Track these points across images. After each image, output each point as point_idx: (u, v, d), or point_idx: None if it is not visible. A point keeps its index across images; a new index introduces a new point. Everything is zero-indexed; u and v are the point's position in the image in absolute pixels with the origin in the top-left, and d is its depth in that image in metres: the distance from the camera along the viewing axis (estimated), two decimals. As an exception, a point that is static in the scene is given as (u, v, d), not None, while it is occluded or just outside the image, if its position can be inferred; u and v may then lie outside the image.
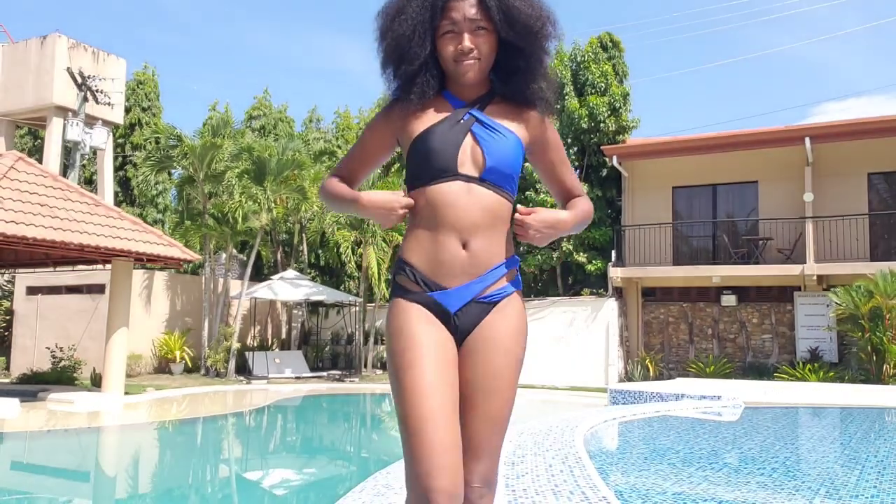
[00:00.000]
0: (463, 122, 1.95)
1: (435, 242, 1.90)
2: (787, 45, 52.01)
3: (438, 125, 1.94)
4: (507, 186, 1.95)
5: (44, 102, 20.43)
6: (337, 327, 21.50)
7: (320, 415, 13.17)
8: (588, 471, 4.50)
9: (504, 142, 1.94)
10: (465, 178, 1.91)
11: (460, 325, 1.91)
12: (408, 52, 1.94)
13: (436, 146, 1.91)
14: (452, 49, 1.93)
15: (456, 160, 1.91)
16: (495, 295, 1.93)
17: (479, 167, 1.92)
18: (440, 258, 1.90)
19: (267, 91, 29.66)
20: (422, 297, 1.91)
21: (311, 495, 6.38)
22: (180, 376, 17.27)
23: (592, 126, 17.97)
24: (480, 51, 1.93)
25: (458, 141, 1.92)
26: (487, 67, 1.97)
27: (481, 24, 1.92)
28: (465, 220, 1.89)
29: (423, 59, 1.94)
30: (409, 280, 1.93)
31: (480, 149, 1.92)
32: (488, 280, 1.92)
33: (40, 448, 8.69)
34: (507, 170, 1.94)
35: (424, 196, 1.92)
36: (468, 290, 1.90)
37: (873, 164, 16.09)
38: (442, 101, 1.99)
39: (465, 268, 1.89)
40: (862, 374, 13.69)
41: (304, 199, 18.22)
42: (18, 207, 10.64)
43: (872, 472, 5.52)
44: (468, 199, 1.89)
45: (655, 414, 9.06)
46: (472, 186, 1.90)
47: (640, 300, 17.90)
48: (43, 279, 18.77)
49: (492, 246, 1.92)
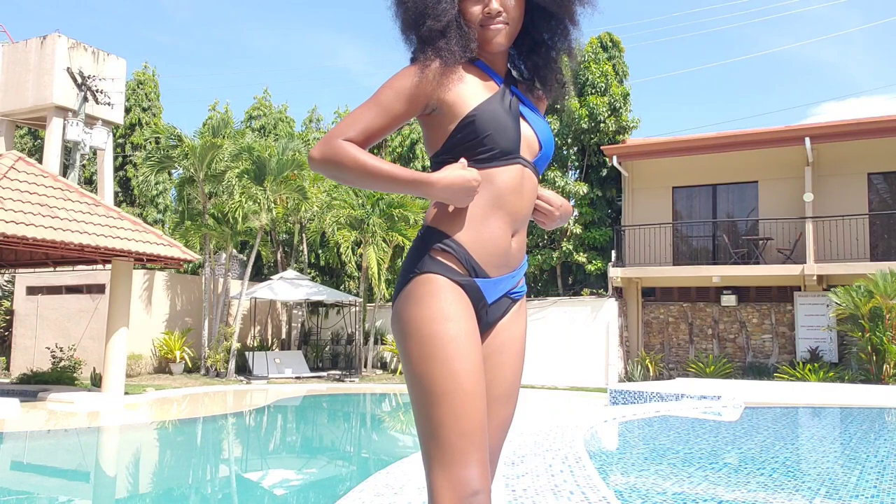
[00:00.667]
0: (512, 101, 1.79)
1: (489, 227, 1.73)
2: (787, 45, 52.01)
3: (494, 101, 1.76)
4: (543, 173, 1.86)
5: (44, 102, 20.43)
6: (337, 327, 21.51)
7: (320, 415, 13.17)
8: (588, 471, 4.50)
9: (547, 127, 1.85)
10: (525, 162, 1.77)
11: (489, 318, 1.79)
12: (435, 6, 1.72)
13: (501, 123, 1.74)
14: (479, 10, 1.74)
15: (519, 143, 1.76)
16: (519, 292, 1.85)
17: (532, 152, 1.80)
18: (492, 245, 1.73)
19: (267, 91, 29.70)
20: (465, 279, 1.72)
21: (311, 495, 6.38)
22: (180, 376, 17.28)
23: (592, 126, 17.97)
24: (509, 13, 1.75)
25: (517, 121, 1.77)
26: (515, 33, 1.79)
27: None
28: (522, 210, 1.78)
29: (451, 17, 1.73)
30: (453, 258, 1.71)
31: (534, 133, 1.81)
32: (520, 274, 1.83)
33: (40, 448, 8.69)
34: (550, 157, 1.85)
35: (486, 176, 1.73)
36: (506, 283, 1.79)
37: (873, 163, 16.09)
38: (483, 73, 1.80)
39: (509, 260, 1.78)
40: (862, 374, 13.69)
41: (304, 199, 18.22)
42: (18, 207, 10.64)
43: (872, 472, 5.52)
44: (524, 186, 1.77)
45: (655, 414, 9.05)
46: (527, 172, 1.78)
47: (640, 300, 17.90)
48: (43, 279, 18.78)
49: (524, 239, 1.84)
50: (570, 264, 18.61)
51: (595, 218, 18.25)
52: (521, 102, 1.83)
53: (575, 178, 18.74)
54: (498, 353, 1.80)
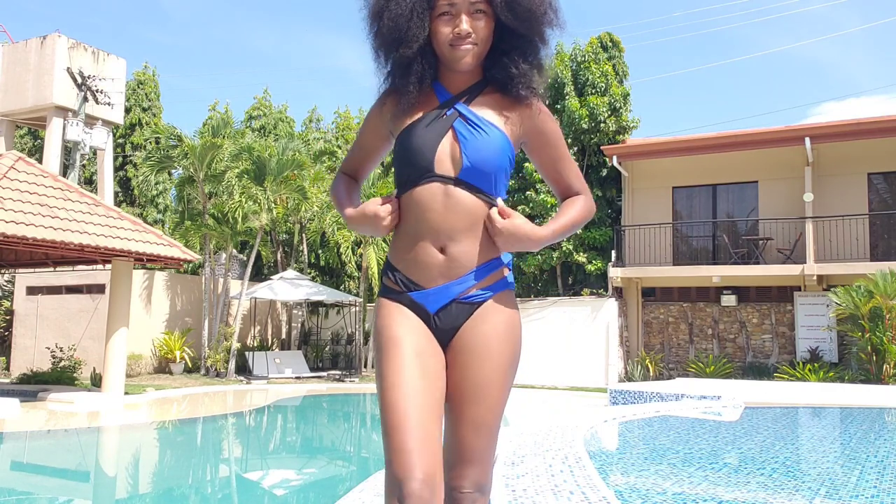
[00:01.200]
0: (446, 117, 1.86)
1: (414, 246, 1.86)
2: (787, 45, 52.02)
3: (419, 122, 1.86)
4: (485, 186, 1.85)
5: (44, 102, 20.43)
6: (337, 327, 21.51)
7: (320, 415, 13.17)
8: (588, 471, 4.50)
9: (486, 139, 1.84)
10: (442, 178, 1.83)
11: (441, 325, 1.87)
12: (406, 32, 1.81)
13: (414, 145, 1.84)
14: (448, 31, 1.81)
15: (433, 160, 1.83)
16: (478, 296, 1.88)
17: (456, 167, 1.83)
18: (418, 261, 1.86)
19: (267, 91, 29.70)
20: (402, 296, 1.89)
21: (311, 495, 6.38)
22: (180, 376, 17.28)
23: (593, 126, 17.97)
24: (478, 35, 1.82)
25: (437, 139, 1.84)
26: (483, 53, 1.86)
27: (480, 6, 1.81)
28: (443, 225, 1.83)
29: (421, 42, 1.82)
30: (391, 280, 1.92)
31: (460, 147, 1.83)
32: (469, 281, 1.86)
33: (40, 448, 8.69)
34: (487, 168, 1.84)
35: (406, 200, 1.87)
36: (447, 292, 1.86)
37: (873, 163, 16.09)
38: (429, 93, 1.90)
39: (443, 271, 1.85)
40: (862, 374, 13.69)
41: (304, 199, 18.23)
42: (18, 207, 10.64)
43: (872, 472, 5.52)
44: (445, 202, 1.83)
45: (655, 414, 9.05)
46: (449, 188, 1.83)
47: (640, 300, 17.90)
48: (43, 279, 18.78)
49: (473, 248, 1.85)
50: (570, 264, 18.61)
51: (595, 218, 18.24)
52: (462, 116, 1.86)
53: (575, 178, 18.73)
54: (461, 353, 1.86)
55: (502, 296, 1.91)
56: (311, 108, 33.66)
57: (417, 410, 1.72)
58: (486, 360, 1.85)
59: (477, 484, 1.83)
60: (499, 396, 1.85)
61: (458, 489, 1.81)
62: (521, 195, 18.19)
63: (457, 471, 1.82)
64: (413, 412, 1.71)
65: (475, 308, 1.88)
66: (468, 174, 1.84)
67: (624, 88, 18.54)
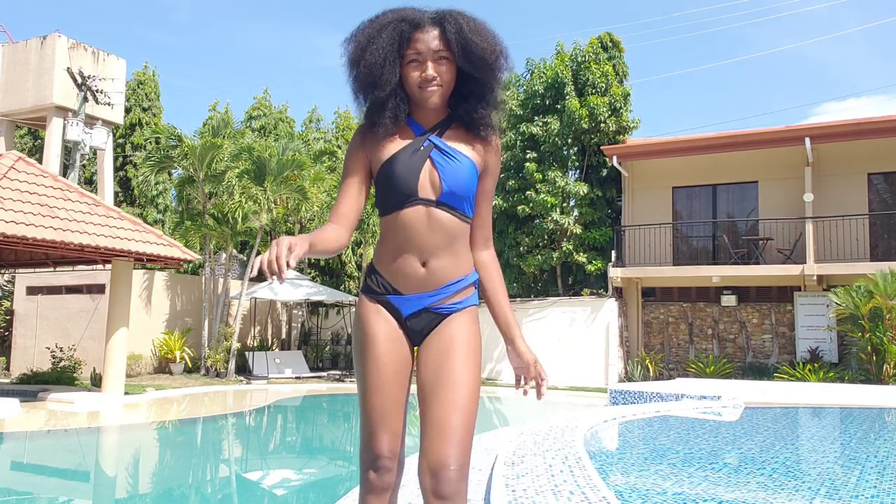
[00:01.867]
0: (423, 148, 2.14)
1: (398, 258, 2.15)
2: (787, 45, 52.04)
3: (401, 152, 2.13)
4: (462, 207, 2.15)
5: (44, 102, 20.43)
6: (337, 327, 21.51)
7: (320, 415, 13.18)
8: (588, 471, 4.50)
9: (459, 167, 2.13)
10: (425, 202, 2.11)
11: (412, 327, 2.18)
12: (380, 78, 2.10)
13: (398, 173, 2.11)
14: (417, 76, 2.11)
15: (416, 186, 2.11)
16: (448, 308, 2.17)
17: (436, 191, 2.12)
18: (401, 271, 2.15)
19: (267, 91, 29.73)
20: (381, 298, 2.19)
21: (311, 495, 6.38)
22: (180, 376, 17.28)
23: (593, 126, 17.97)
24: (442, 78, 2.11)
25: (419, 167, 2.11)
26: (448, 93, 2.15)
27: (443, 53, 2.10)
28: (426, 243, 2.12)
29: (393, 85, 2.11)
30: (373, 283, 2.20)
31: (438, 174, 2.12)
32: (443, 293, 2.16)
33: (40, 448, 8.69)
34: (462, 192, 2.14)
35: (391, 220, 2.14)
36: (422, 300, 2.16)
37: (873, 164, 16.09)
38: (405, 129, 2.18)
39: (423, 283, 2.14)
40: (862, 374, 13.69)
41: (304, 200, 18.23)
42: (18, 207, 10.64)
43: (872, 472, 5.52)
44: (428, 222, 2.11)
45: (655, 414, 9.05)
46: (431, 210, 2.11)
47: (640, 300, 17.90)
48: (43, 279, 18.78)
49: (449, 263, 2.16)
50: (570, 264, 18.61)
51: (595, 218, 18.25)
52: (437, 148, 2.15)
53: (575, 178, 18.73)
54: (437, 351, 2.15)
55: (469, 312, 2.21)
56: (311, 108, 33.67)
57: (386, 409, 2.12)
58: (462, 356, 2.13)
59: (459, 462, 2.02)
60: (474, 383, 2.13)
61: (446, 468, 1.99)
62: (521, 195, 18.19)
63: (443, 452, 2.01)
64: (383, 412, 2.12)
65: (443, 318, 2.18)
66: (447, 197, 2.13)
67: (624, 88, 18.54)
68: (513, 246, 18.47)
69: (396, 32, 2.10)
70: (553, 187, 17.78)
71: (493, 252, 2.34)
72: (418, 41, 2.10)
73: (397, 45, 2.10)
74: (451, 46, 2.10)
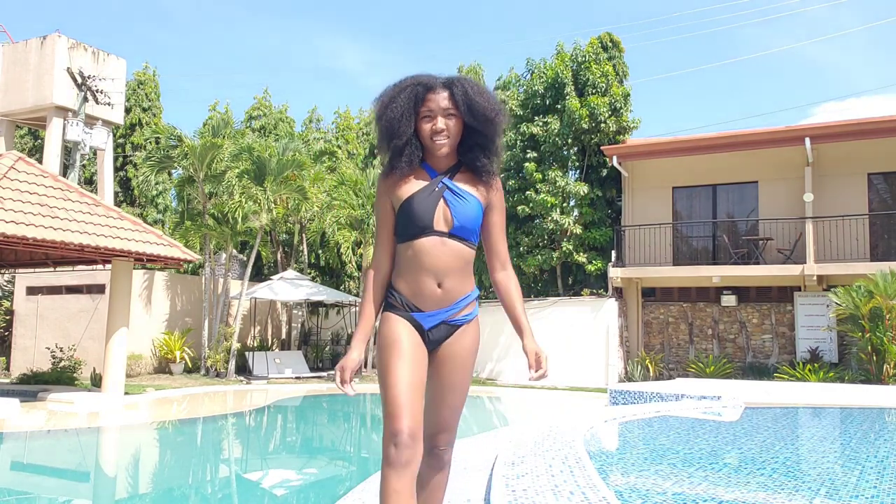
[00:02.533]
0: (437, 190, 2.59)
1: (417, 280, 2.58)
2: (787, 45, 52.02)
3: (419, 193, 2.58)
4: (471, 238, 2.62)
5: (44, 102, 20.42)
6: (337, 327, 21.50)
7: (320, 415, 13.17)
8: (588, 471, 4.50)
9: (468, 205, 2.60)
10: (439, 233, 2.56)
11: (432, 338, 2.63)
12: (398, 129, 2.56)
13: (417, 210, 2.55)
14: (429, 128, 2.57)
15: (432, 220, 2.56)
16: (460, 320, 2.65)
17: (449, 225, 2.57)
18: (420, 292, 2.58)
19: (267, 91, 29.69)
20: (405, 314, 2.61)
21: (311, 495, 6.37)
22: (180, 376, 17.27)
23: (593, 126, 17.96)
24: (450, 131, 2.57)
25: (434, 205, 2.57)
26: (455, 143, 2.61)
27: (451, 111, 2.57)
28: (440, 266, 2.57)
29: (408, 136, 2.57)
30: (396, 301, 2.63)
31: (450, 211, 2.57)
32: (457, 308, 2.63)
33: (40, 448, 8.69)
34: (470, 225, 2.60)
35: (410, 248, 2.57)
36: (440, 315, 2.61)
37: (873, 164, 16.08)
38: (422, 172, 2.63)
39: (439, 301, 2.59)
40: (862, 374, 13.68)
41: (304, 199, 18.22)
42: (18, 207, 10.63)
43: (872, 472, 5.52)
44: (442, 249, 2.56)
45: (655, 414, 9.05)
46: (444, 240, 2.57)
47: (640, 300, 17.90)
48: (43, 279, 18.77)
49: (460, 283, 2.62)
50: (571, 264, 18.60)
51: (595, 218, 18.24)
52: (449, 189, 2.60)
53: (575, 178, 18.73)
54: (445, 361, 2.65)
55: (474, 322, 2.71)
56: (311, 108, 33.64)
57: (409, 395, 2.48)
58: (460, 367, 2.67)
59: (448, 442, 2.72)
60: (466, 389, 2.73)
61: (438, 447, 2.68)
62: (521, 195, 18.18)
63: (438, 437, 2.67)
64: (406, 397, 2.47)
65: (456, 328, 2.65)
66: (458, 230, 2.59)
67: (624, 88, 18.53)
68: (513, 246, 18.46)
69: (413, 93, 2.57)
70: (553, 187, 17.77)
71: (510, 271, 2.75)
72: (430, 100, 2.57)
73: (413, 103, 2.56)
74: (458, 105, 2.56)
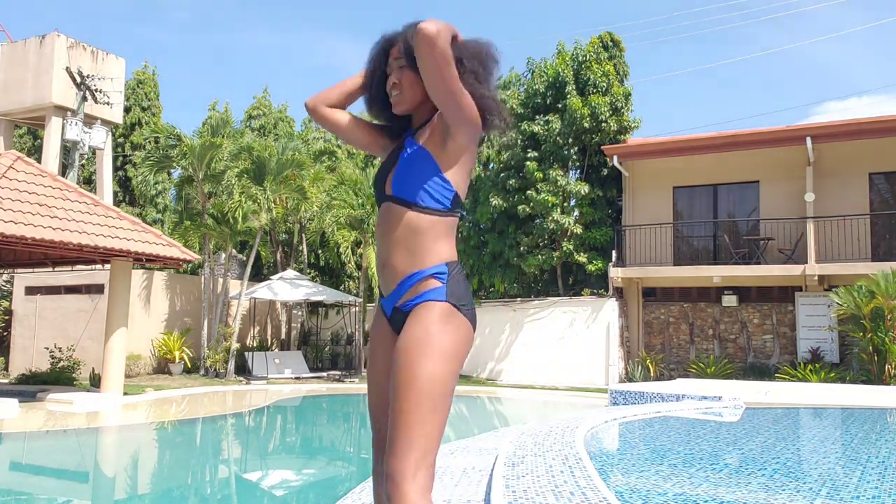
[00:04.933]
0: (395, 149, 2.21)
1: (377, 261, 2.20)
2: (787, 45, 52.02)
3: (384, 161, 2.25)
4: (417, 199, 2.07)
5: (43, 102, 20.41)
6: (337, 327, 21.48)
7: (320, 415, 13.15)
8: (588, 471, 4.47)
9: (407, 157, 2.12)
10: (387, 199, 2.15)
11: (394, 327, 2.16)
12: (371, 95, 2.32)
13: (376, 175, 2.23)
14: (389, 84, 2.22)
15: (384, 185, 2.17)
16: (406, 304, 2.09)
17: (389, 186, 2.15)
18: (378, 274, 2.21)
19: (267, 91, 29.69)
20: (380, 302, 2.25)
21: (311, 495, 6.35)
22: (179, 377, 17.25)
23: (594, 126, 17.93)
24: (402, 85, 2.17)
25: (388, 168, 2.18)
26: (413, 98, 2.18)
27: (401, 62, 2.17)
28: (385, 238, 2.13)
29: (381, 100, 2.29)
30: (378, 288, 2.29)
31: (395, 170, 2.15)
32: (401, 291, 2.10)
33: (39, 448, 8.67)
34: (411, 180, 2.09)
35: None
36: (391, 300, 2.15)
37: (875, 163, 16.05)
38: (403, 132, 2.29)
39: (387, 283, 2.15)
40: (863, 374, 13.66)
41: (303, 199, 18.19)
42: (17, 207, 10.61)
43: (874, 472, 5.50)
44: (385, 217, 2.14)
45: (656, 414, 9.03)
46: (390, 206, 2.13)
47: (641, 300, 17.87)
48: (42, 279, 18.75)
49: (406, 259, 2.08)
50: (571, 264, 18.57)
51: (595, 218, 18.21)
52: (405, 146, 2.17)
53: (576, 177, 18.70)
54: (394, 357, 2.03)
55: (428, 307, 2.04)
56: (311, 108, 33.58)
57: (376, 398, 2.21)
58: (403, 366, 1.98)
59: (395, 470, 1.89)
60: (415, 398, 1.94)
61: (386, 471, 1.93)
62: (522, 195, 18.15)
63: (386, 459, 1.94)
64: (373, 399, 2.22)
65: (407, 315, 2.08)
66: (397, 189, 2.11)
67: (625, 88, 18.51)
68: (513, 246, 18.44)
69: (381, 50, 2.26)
70: (554, 187, 17.74)
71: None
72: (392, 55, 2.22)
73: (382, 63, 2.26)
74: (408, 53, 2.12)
